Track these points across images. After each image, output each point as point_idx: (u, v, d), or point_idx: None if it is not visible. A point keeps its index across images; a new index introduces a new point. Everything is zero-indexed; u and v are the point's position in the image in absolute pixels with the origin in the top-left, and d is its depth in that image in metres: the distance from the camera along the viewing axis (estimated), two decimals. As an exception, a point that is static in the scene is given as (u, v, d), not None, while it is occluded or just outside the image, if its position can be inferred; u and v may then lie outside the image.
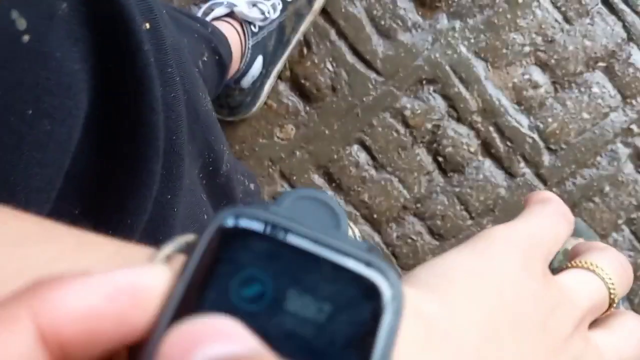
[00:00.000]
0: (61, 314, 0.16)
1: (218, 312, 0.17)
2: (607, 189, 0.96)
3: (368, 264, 0.19)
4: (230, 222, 0.19)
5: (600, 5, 0.95)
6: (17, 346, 0.16)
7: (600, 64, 0.95)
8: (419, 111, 0.95)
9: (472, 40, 0.95)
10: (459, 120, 0.95)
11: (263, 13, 0.88)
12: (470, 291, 0.25)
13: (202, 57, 0.72)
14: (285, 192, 0.23)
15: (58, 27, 0.34)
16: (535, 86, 0.95)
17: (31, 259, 0.21)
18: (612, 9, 0.95)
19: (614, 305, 0.29)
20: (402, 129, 0.96)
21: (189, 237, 0.22)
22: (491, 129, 0.95)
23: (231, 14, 0.87)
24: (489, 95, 0.95)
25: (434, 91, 0.95)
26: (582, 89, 0.95)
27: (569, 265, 0.30)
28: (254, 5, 0.88)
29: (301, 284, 0.18)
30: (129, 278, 0.18)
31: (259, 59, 0.89)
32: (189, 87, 0.46)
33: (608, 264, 0.29)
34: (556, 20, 0.95)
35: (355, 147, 0.96)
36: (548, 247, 0.28)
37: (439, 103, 0.95)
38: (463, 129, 0.95)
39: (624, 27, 0.95)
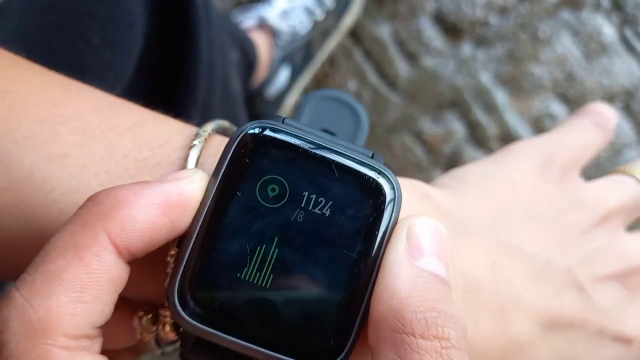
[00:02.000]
0: (131, 233, 0.19)
1: (247, 208, 0.21)
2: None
3: (373, 168, 0.22)
4: (255, 131, 0.22)
5: (619, 45, 0.98)
6: (105, 263, 0.19)
7: (617, 101, 0.97)
8: (438, 134, 0.96)
9: (494, 69, 0.97)
10: (477, 145, 0.96)
11: (292, 27, 0.91)
12: (482, 188, 0.28)
13: (233, 57, 0.74)
14: (311, 92, 0.27)
15: None
16: (553, 118, 0.96)
17: (25, 98, 0.24)
18: (631, 49, 0.98)
19: None
20: (420, 151, 0.97)
21: (225, 123, 0.26)
22: (508, 156, 0.96)
23: (261, 26, 0.89)
24: (508, 123, 0.96)
25: (454, 116, 0.97)
26: (599, 125, 0.97)
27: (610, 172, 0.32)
28: (284, 18, 0.91)
29: (315, 185, 0.21)
30: (178, 189, 0.20)
31: (286, 71, 0.91)
32: (224, 59, 0.47)
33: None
34: (575, 57, 0.97)
35: (373, 165, 0.96)
36: (572, 154, 0.30)
37: (459, 128, 0.97)
38: (481, 155, 0.96)
39: (642, 67, 0.97)
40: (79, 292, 0.19)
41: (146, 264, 0.22)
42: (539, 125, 0.96)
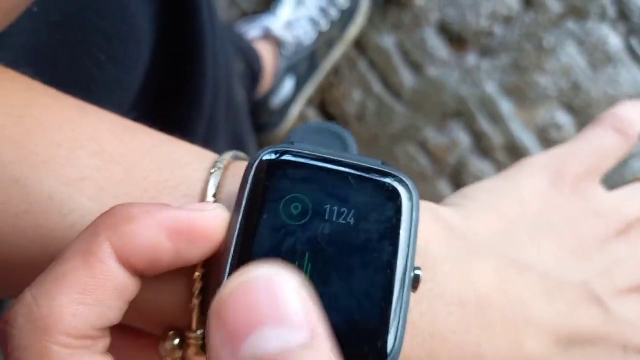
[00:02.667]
0: (131, 247, 0.20)
1: (274, 230, 0.22)
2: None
3: (386, 174, 0.23)
4: (271, 156, 0.23)
5: (625, 55, 0.97)
6: (109, 269, 0.20)
7: (623, 111, 0.97)
8: (443, 144, 0.96)
9: (499, 79, 0.97)
10: (482, 155, 0.96)
11: (297, 37, 0.91)
12: (490, 205, 0.28)
13: (238, 67, 0.74)
14: (296, 127, 0.28)
15: None
16: (559, 128, 0.96)
17: (42, 122, 0.24)
18: (637, 59, 0.97)
19: None
20: (425, 161, 0.96)
21: (240, 154, 0.27)
22: (514, 167, 0.96)
23: (266, 36, 0.89)
24: (514, 133, 0.96)
25: (459, 126, 0.96)
26: (605, 135, 0.97)
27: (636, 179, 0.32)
28: (289, 28, 0.91)
29: (335, 198, 0.22)
30: (189, 218, 0.21)
31: (290, 81, 0.91)
32: (228, 71, 0.47)
33: None
34: (581, 67, 0.97)
35: (378, 176, 0.96)
36: (585, 164, 0.29)
37: (463, 138, 0.96)
38: (486, 165, 0.96)
39: (648, 77, 0.97)
40: (81, 294, 0.19)
41: (169, 286, 0.23)
42: (545, 136, 0.96)
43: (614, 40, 0.98)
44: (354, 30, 0.96)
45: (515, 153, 0.96)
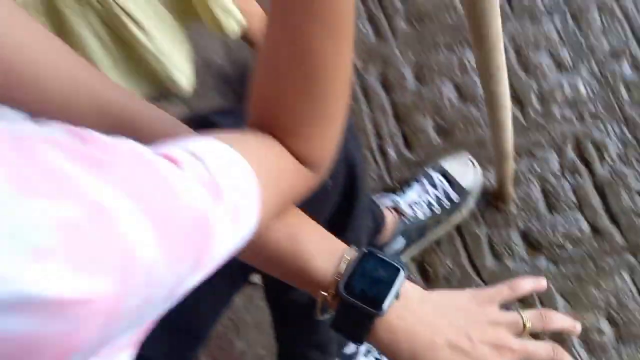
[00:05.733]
0: None
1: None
2: None
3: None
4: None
5: (668, 292, 1.21)
6: None
7: (660, 337, 1.18)
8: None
9: (560, 283, 1.24)
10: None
11: (415, 214, 1.28)
12: (437, 300, 0.63)
13: (368, 222, 1.12)
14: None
15: None
16: (601, 333, 1.19)
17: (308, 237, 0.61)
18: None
19: (527, 327, 0.62)
20: (487, 327, 1.24)
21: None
22: (557, 353, 1.20)
23: (394, 207, 1.27)
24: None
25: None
26: (640, 351, 1.18)
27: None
28: (412, 207, 1.28)
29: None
30: None
31: (402, 241, 1.27)
32: (363, 227, 0.86)
33: (530, 312, 0.63)
34: (631, 291, 1.22)
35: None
36: (492, 299, 0.63)
37: (521, 318, 1.23)
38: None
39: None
40: None
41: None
42: (587, 336, 1.20)
43: (664, 278, 1.22)
44: (458, 217, 1.31)
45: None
